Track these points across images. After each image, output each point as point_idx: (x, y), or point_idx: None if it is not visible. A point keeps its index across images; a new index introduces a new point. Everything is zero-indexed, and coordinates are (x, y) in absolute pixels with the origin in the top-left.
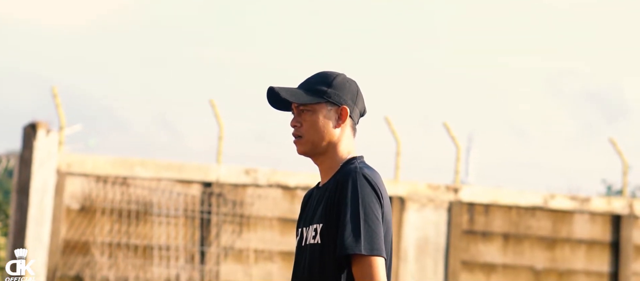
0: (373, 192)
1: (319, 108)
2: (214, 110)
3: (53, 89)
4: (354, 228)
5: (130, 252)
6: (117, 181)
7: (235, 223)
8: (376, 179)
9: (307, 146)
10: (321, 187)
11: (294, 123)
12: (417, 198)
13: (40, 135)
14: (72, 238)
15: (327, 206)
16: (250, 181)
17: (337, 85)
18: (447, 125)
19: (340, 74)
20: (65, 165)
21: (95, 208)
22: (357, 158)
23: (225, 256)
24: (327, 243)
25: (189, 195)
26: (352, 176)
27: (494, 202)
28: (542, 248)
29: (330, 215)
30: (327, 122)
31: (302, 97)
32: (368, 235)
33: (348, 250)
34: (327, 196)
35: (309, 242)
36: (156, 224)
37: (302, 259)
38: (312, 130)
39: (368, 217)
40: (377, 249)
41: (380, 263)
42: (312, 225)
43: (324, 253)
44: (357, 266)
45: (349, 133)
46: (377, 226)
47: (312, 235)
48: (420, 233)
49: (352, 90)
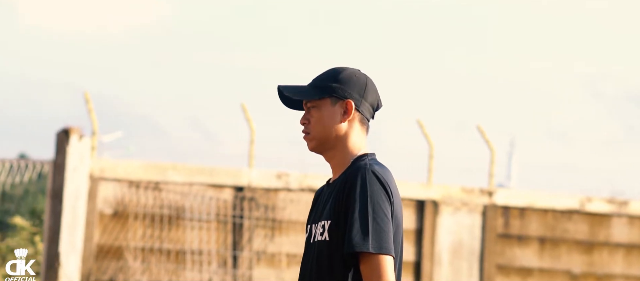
0: (382, 190)
1: (324, 104)
2: (246, 114)
3: (85, 95)
4: (362, 226)
5: (163, 257)
6: (150, 186)
7: (267, 227)
8: (386, 176)
9: (315, 142)
10: (331, 184)
11: (303, 121)
12: (451, 202)
13: (73, 141)
14: (105, 243)
15: (335, 203)
16: (282, 185)
17: (343, 79)
18: (481, 129)
19: (348, 68)
20: (98, 171)
21: (128, 213)
22: (368, 155)
23: (258, 260)
24: (334, 240)
25: (221, 199)
26: (361, 173)
27: (529, 206)
28: (579, 252)
29: (339, 212)
30: (333, 116)
31: (305, 93)
32: (376, 233)
33: (356, 247)
34: (336, 193)
35: (317, 239)
36: (188, 229)
37: (310, 256)
38: (318, 125)
39: (377, 215)
40: (385, 248)
41: (389, 262)
42: (321, 222)
43: (331, 250)
44: (364, 264)
45: (358, 128)
46: (386, 224)
47: (320, 231)
48: (454, 237)
49: (359, 84)
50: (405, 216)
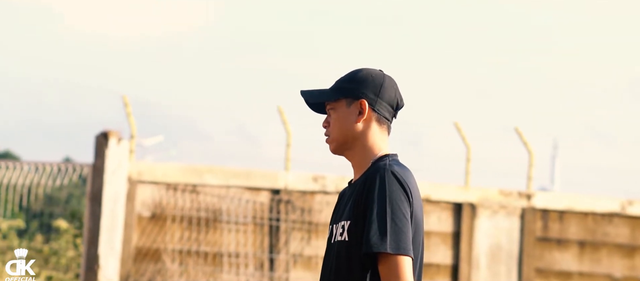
0: (401, 190)
1: (340, 105)
2: (282, 117)
3: (124, 98)
4: (380, 226)
5: (200, 259)
6: (187, 188)
7: (304, 230)
8: (406, 177)
9: (334, 144)
10: (352, 184)
11: (324, 124)
12: (489, 205)
13: (112, 144)
14: (143, 246)
15: (354, 203)
16: (318, 188)
17: (358, 80)
18: (519, 131)
19: (365, 69)
20: (136, 173)
21: (165, 216)
22: (389, 156)
23: (295, 263)
24: (353, 240)
25: (258, 202)
26: (380, 173)
27: (568, 209)
28: (620, 256)
29: (358, 212)
30: (348, 117)
31: (320, 96)
32: (394, 234)
33: (373, 248)
34: (356, 193)
35: (336, 239)
36: (225, 231)
37: (330, 256)
38: (335, 127)
39: (395, 215)
40: (403, 248)
41: (407, 263)
42: (340, 222)
43: (350, 251)
44: (383, 265)
45: (376, 128)
46: (405, 225)
47: (340, 232)
48: (492, 240)
49: (374, 83)
50: (442, 219)
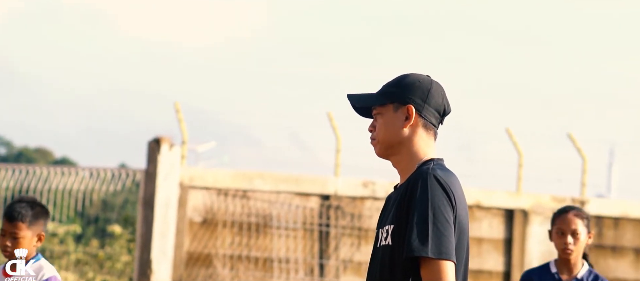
0: (444, 195)
1: (387, 110)
2: (332, 123)
3: (175, 105)
4: (422, 231)
5: (250, 264)
6: (238, 194)
7: (353, 236)
8: (450, 182)
9: (380, 147)
10: (397, 189)
11: (370, 128)
12: (541, 211)
13: (164, 150)
14: (195, 251)
15: (398, 207)
16: (368, 193)
17: (405, 85)
18: (573, 136)
19: (412, 74)
20: (187, 179)
21: (216, 221)
22: (434, 161)
23: (345, 269)
24: (397, 244)
25: (308, 207)
26: (423, 177)
27: (624, 216)
28: None
29: (401, 217)
30: (394, 122)
31: (368, 100)
32: (436, 238)
33: (415, 252)
34: (400, 198)
35: (381, 243)
36: (276, 237)
37: (375, 260)
38: (382, 131)
39: (437, 220)
40: (445, 253)
41: (449, 268)
42: (385, 227)
43: (394, 255)
44: (425, 269)
45: (422, 133)
46: (447, 230)
47: (384, 236)
48: (544, 246)
49: (421, 89)
50: (493, 226)
